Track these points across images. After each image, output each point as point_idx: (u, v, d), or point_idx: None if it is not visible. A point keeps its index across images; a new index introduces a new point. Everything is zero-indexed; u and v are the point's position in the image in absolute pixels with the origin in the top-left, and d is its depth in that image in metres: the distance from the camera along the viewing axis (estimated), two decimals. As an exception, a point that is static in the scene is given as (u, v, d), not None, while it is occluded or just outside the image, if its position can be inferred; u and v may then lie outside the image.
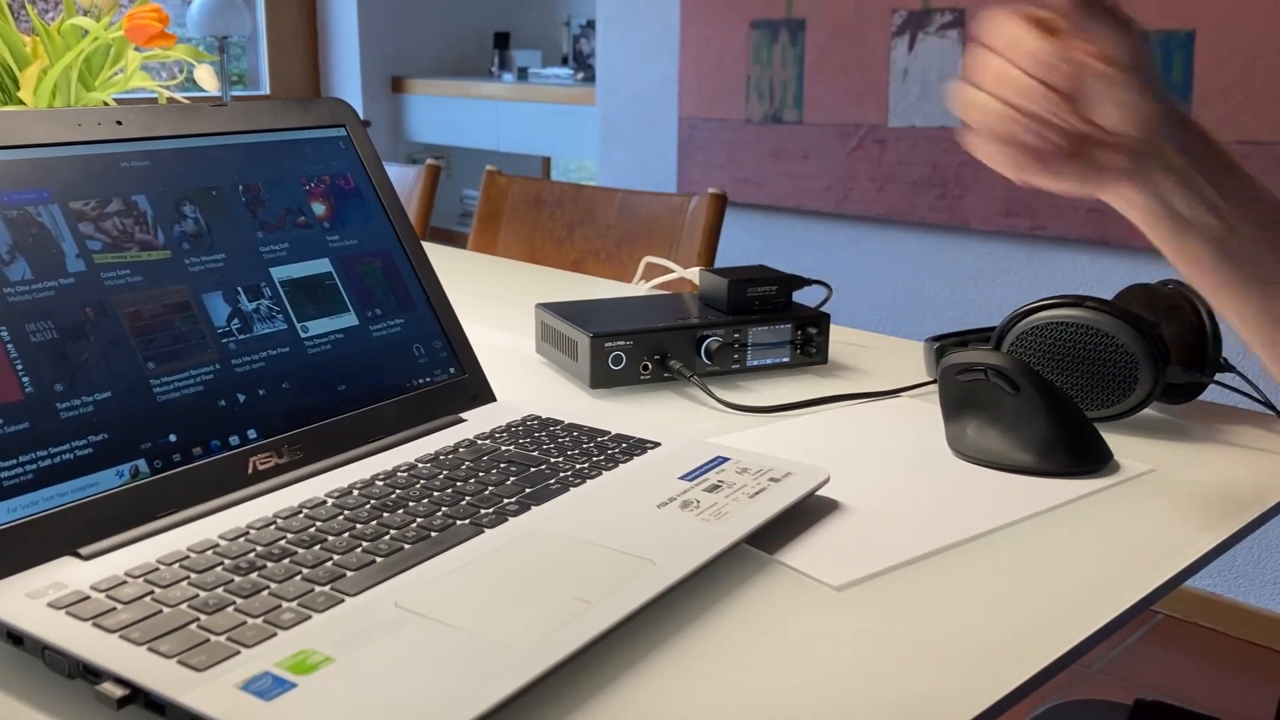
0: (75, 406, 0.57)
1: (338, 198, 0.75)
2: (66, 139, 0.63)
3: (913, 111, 2.21)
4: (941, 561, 0.60)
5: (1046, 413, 0.71)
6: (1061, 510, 0.67)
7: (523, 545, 0.56)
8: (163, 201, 0.65)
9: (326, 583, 0.51)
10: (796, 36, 2.35)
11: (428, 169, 1.85)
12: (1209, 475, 0.73)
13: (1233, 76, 1.83)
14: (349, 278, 0.73)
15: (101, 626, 0.47)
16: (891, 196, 2.27)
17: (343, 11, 3.60)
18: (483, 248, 1.77)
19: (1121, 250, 2.02)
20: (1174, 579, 0.61)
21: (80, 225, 0.61)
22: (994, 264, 2.19)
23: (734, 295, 0.93)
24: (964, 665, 0.51)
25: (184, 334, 0.63)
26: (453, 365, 0.76)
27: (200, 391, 0.62)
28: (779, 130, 2.41)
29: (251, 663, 0.45)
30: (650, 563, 0.54)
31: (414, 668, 0.45)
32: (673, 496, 0.62)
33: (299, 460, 0.65)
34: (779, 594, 0.56)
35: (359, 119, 0.79)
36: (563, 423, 0.73)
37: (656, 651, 0.51)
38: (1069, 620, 0.55)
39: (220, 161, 0.70)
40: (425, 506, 0.60)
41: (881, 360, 0.98)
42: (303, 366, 0.67)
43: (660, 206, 1.62)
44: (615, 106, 2.77)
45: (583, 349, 0.87)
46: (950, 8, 2.13)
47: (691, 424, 0.82)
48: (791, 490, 0.63)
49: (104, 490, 0.56)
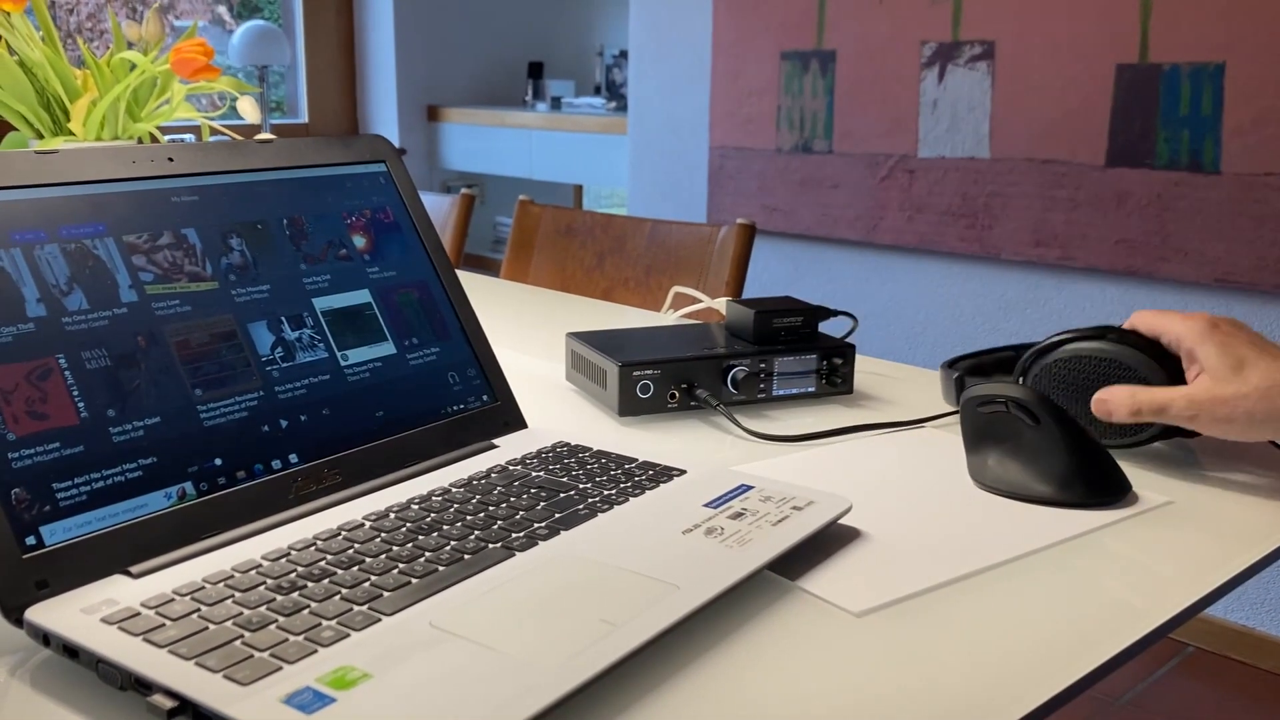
0: (127, 431, 0.59)
1: (378, 231, 0.78)
2: (121, 175, 0.66)
3: (942, 142, 2.23)
4: (961, 589, 0.62)
5: (1066, 445, 0.73)
6: (1080, 540, 0.68)
7: (552, 568, 0.58)
8: (211, 235, 0.68)
9: (364, 602, 0.53)
10: (827, 67, 2.38)
11: (462, 198, 1.88)
12: (1227, 507, 0.74)
13: (1263, 109, 1.84)
14: (387, 308, 0.75)
15: (152, 642, 0.49)
16: (921, 226, 2.29)
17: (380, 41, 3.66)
18: (515, 275, 1.80)
19: (1149, 280, 2.03)
20: (1190, 608, 0.62)
21: (133, 257, 0.64)
22: (1024, 294, 2.20)
23: (760, 326, 0.95)
24: (982, 691, 0.52)
25: (230, 362, 0.66)
26: (486, 393, 0.79)
27: (245, 417, 0.65)
28: (809, 160, 2.44)
29: (293, 678, 0.47)
30: (675, 587, 0.56)
31: (447, 685, 0.47)
32: (697, 523, 0.64)
33: (338, 484, 0.67)
34: (800, 619, 0.58)
35: (398, 155, 0.82)
36: (591, 450, 0.75)
37: (679, 674, 0.52)
38: (1085, 647, 0.56)
39: (266, 196, 0.73)
40: (459, 530, 0.62)
41: (906, 390, 1.00)
42: (342, 394, 0.70)
43: (689, 236, 1.64)
44: (646, 136, 2.80)
45: (611, 378, 0.89)
46: (980, 40, 2.15)
47: (717, 452, 0.84)
48: (814, 518, 0.65)
49: (153, 511, 0.59)
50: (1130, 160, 2.00)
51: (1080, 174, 2.06)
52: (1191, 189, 1.93)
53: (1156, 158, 1.96)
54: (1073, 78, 2.04)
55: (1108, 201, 2.03)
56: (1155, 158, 1.97)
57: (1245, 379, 0.70)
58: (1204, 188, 1.92)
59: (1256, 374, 0.70)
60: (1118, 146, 2.01)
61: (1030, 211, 2.13)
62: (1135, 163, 1.99)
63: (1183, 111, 1.92)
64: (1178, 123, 1.93)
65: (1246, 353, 0.71)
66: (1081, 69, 2.03)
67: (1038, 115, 2.10)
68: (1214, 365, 0.71)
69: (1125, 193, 2.01)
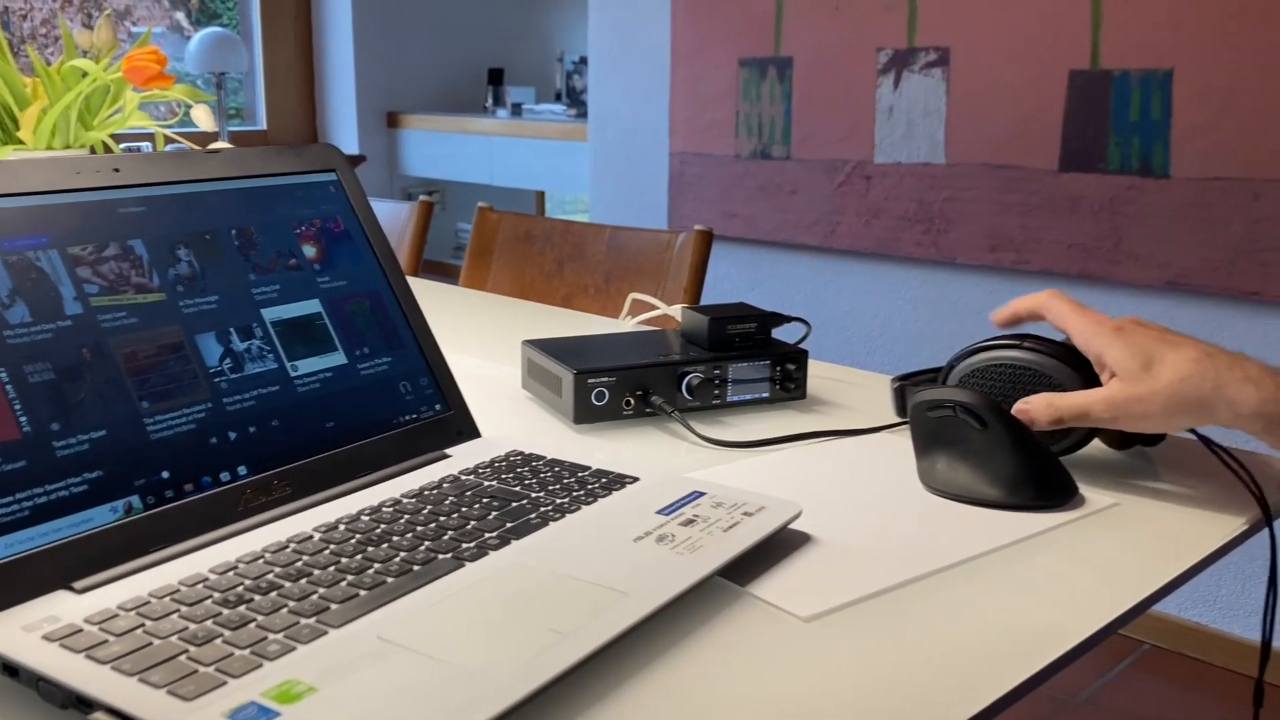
0: (71, 445, 0.59)
1: (328, 240, 0.77)
2: (66, 186, 0.66)
3: (898, 148, 2.25)
4: (910, 592, 0.62)
5: (1013, 448, 0.74)
6: (1029, 542, 0.69)
7: (501, 578, 0.58)
8: (158, 245, 0.68)
9: (312, 615, 0.53)
10: (784, 74, 2.39)
11: (420, 205, 1.88)
12: (1173, 508, 0.76)
13: (1210, 114, 1.87)
14: (338, 317, 0.75)
15: (94, 658, 0.49)
16: (878, 231, 2.30)
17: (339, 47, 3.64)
18: (474, 283, 1.79)
19: (1102, 283, 2.06)
20: (1137, 607, 0.63)
21: (78, 269, 0.63)
22: (980, 297, 2.22)
23: (714, 332, 0.95)
24: (931, 693, 0.53)
25: (177, 374, 0.65)
26: (438, 402, 0.79)
27: (193, 429, 0.64)
28: (768, 166, 2.45)
29: (238, 693, 0.47)
30: (624, 595, 0.56)
31: (392, 697, 0.47)
32: (649, 530, 0.64)
33: (288, 496, 0.67)
34: (749, 625, 0.58)
35: (349, 164, 0.82)
36: (545, 458, 0.75)
37: (629, 682, 0.52)
38: (1034, 646, 0.57)
39: (214, 206, 0.72)
40: (409, 541, 0.62)
41: (860, 395, 1.00)
42: (292, 404, 0.70)
43: (648, 242, 1.65)
44: (607, 142, 2.81)
45: (566, 385, 0.89)
46: (934, 46, 2.18)
47: (672, 459, 0.84)
48: (764, 524, 0.65)
49: (98, 526, 0.58)
50: (1083, 165, 2.02)
51: (1034, 179, 2.08)
52: (1142, 193, 1.96)
53: (1108, 162, 1.99)
54: (1026, 83, 2.07)
55: (1061, 206, 2.06)
56: (1107, 162, 1.99)
57: (1156, 375, 0.72)
58: (1154, 192, 1.95)
59: (1166, 369, 0.72)
60: (1071, 151, 2.04)
61: (985, 216, 2.15)
62: (1088, 167, 2.02)
63: (1133, 117, 1.95)
64: (1128, 128, 1.96)
65: (1154, 348, 0.73)
66: (1034, 75, 2.06)
67: (992, 121, 2.12)
68: (1124, 367, 0.73)
69: (1078, 197, 2.04)
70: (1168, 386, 0.71)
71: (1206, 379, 0.71)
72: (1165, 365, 0.72)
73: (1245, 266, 1.87)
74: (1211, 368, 0.71)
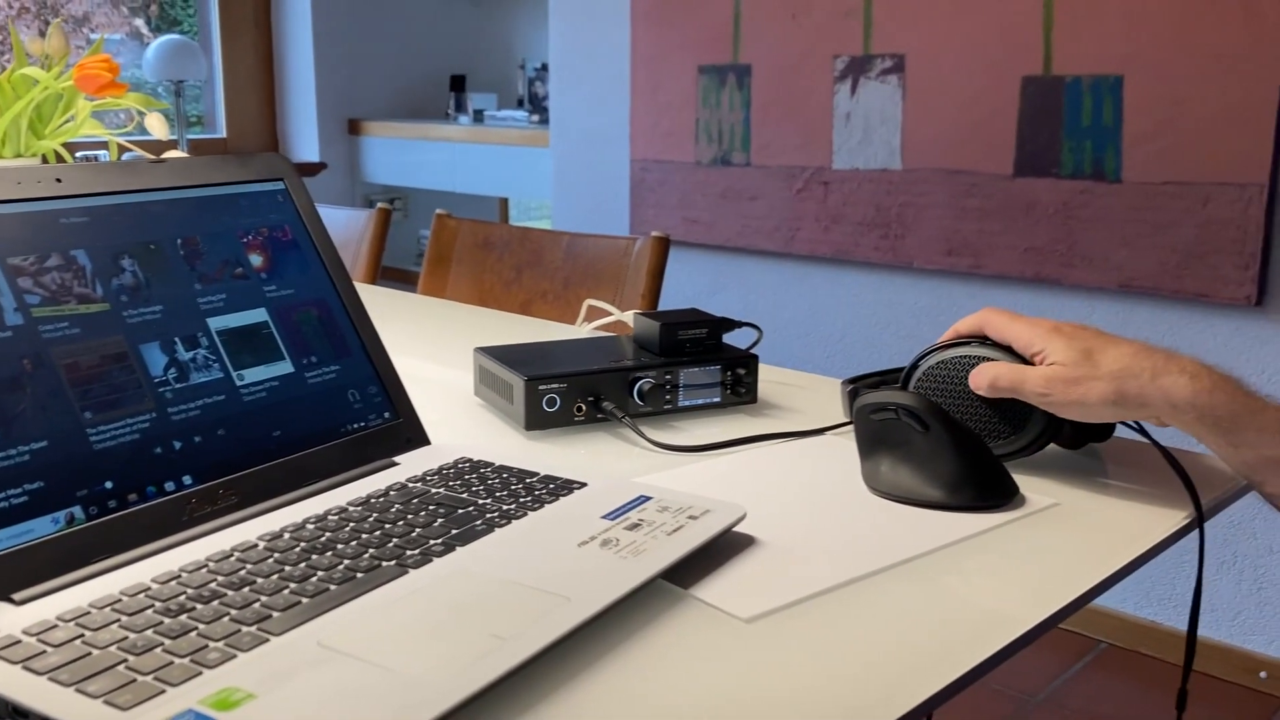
0: (11, 456, 0.59)
1: (275, 249, 0.77)
2: (7, 196, 0.65)
3: (856, 154, 2.27)
4: (852, 592, 0.63)
5: (954, 450, 0.75)
6: (970, 542, 0.71)
7: (444, 585, 0.58)
8: (101, 256, 0.68)
9: (253, 623, 0.53)
10: (743, 81, 2.41)
11: (379, 212, 1.87)
12: (1110, 507, 0.77)
13: (1160, 120, 1.90)
14: (285, 326, 0.75)
15: (31, 669, 0.49)
16: (836, 237, 2.32)
17: (299, 54, 3.63)
18: (433, 290, 1.79)
19: (1057, 286, 2.08)
20: (1077, 601, 0.65)
21: (19, 280, 0.63)
22: (936, 301, 2.24)
23: (665, 338, 0.96)
24: (870, 690, 0.53)
25: (121, 384, 0.65)
26: (387, 410, 0.79)
27: (137, 440, 0.64)
28: (728, 172, 2.46)
29: (175, 701, 0.47)
30: (566, 599, 0.56)
31: (332, 703, 0.47)
32: (594, 535, 0.65)
33: (234, 505, 0.67)
34: (690, 627, 0.59)
35: (296, 172, 0.82)
36: (494, 465, 0.76)
37: (570, 685, 0.53)
38: (974, 642, 0.58)
39: (159, 216, 0.72)
40: (353, 548, 0.62)
41: (810, 399, 1.01)
42: (238, 414, 0.70)
43: (606, 249, 1.66)
44: (569, 149, 2.81)
45: (517, 392, 0.90)
46: (890, 53, 2.20)
47: (622, 464, 0.85)
48: (708, 527, 0.66)
49: (39, 537, 0.58)
50: (1037, 170, 2.05)
51: (989, 184, 2.11)
52: (1095, 197, 1.99)
53: (1062, 167, 2.02)
54: (980, 90, 2.09)
55: (1016, 210, 2.08)
56: (1060, 167, 2.02)
57: (1096, 364, 0.74)
58: (1107, 196, 1.98)
59: (1107, 359, 0.74)
60: (1025, 156, 2.06)
61: (941, 221, 2.18)
62: (1042, 172, 2.05)
63: (1085, 122, 1.98)
64: (1081, 133, 1.99)
65: (1093, 343, 0.76)
66: (988, 81, 2.08)
67: (947, 127, 2.14)
68: (1064, 357, 0.75)
69: (1033, 202, 2.06)
70: (1107, 374, 0.73)
71: (1144, 369, 0.73)
72: (1105, 355, 0.74)
73: (1196, 269, 1.90)
74: (1149, 360, 0.73)
